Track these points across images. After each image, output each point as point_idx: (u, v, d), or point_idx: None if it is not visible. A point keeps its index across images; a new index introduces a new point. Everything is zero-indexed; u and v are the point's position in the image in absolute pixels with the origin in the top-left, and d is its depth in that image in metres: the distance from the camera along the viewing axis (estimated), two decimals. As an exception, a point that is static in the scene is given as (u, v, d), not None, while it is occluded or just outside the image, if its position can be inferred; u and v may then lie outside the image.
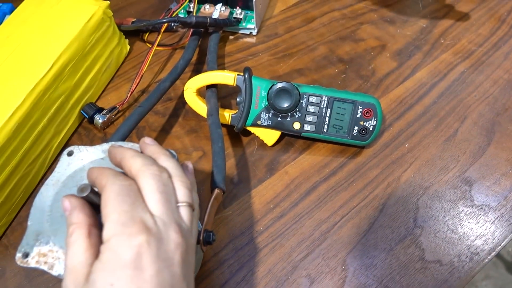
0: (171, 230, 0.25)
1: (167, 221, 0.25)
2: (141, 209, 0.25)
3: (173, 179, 0.28)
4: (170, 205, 0.26)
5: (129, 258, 0.23)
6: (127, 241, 0.23)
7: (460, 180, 0.43)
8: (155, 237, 0.24)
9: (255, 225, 0.40)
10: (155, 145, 0.30)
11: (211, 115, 0.43)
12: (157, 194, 0.26)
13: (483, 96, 0.49)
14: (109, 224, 0.24)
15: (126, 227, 0.24)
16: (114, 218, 0.24)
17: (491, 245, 0.39)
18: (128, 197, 0.25)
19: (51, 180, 0.32)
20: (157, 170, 0.27)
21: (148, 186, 0.26)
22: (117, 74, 0.53)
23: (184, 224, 0.27)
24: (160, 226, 0.25)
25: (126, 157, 0.28)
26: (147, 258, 0.23)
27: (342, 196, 0.42)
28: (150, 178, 0.26)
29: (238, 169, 0.44)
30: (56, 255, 0.28)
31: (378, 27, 0.57)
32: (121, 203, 0.25)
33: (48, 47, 0.43)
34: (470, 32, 0.56)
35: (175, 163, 0.29)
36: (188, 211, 0.27)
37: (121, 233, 0.24)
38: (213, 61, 0.49)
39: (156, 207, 0.26)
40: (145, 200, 0.26)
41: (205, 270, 0.38)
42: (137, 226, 0.24)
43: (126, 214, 0.24)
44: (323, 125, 0.43)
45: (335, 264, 0.38)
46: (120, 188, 0.25)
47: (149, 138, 0.31)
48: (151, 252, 0.24)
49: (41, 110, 0.41)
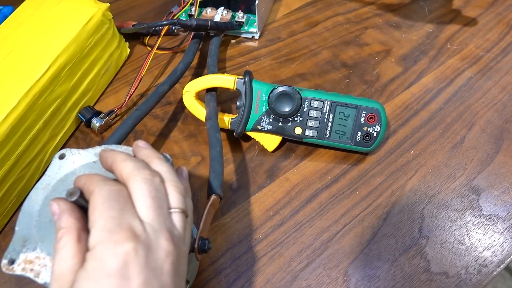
0: (161, 238, 0.24)
1: (158, 228, 0.24)
2: (130, 215, 0.24)
3: (166, 184, 0.27)
4: (161, 211, 0.25)
5: (114, 267, 0.22)
6: (113, 249, 0.22)
7: (468, 188, 0.41)
8: (143, 245, 0.23)
9: (253, 233, 0.39)
10: (148, 148, 0.29)
11: (209, 119, 0.42)
12: (148, 199, 0.25)
13: (491, 102, 0.48)
14: (95, 230, 0.23)
15: (113, 234, 0.23)
16: (100, 224, 0.23)
17: (500, 257, 0.37)
18: (116, 203, 0.24)
19: (41, 184, 0.31)
20: (149, 174, 0.26)
21: (138, 191, 0.25)
22: (117, 77, 0.52)
23: (176, 231, 0.26)
24: (149, 233, 0.24)
25: (117, 160, 0.27)
26: (134, 267, 0.22)
27: (345, 204, 0.40)
28: (142, 182, 0.25)
29: (237, 175, 0.43)
30: (42, 262, 0.27)
31: (383, 32, 0.56)
32: (108, 209, 0.23)
33: (45, 49, 0.42)
34: (478, 37, 0.55)
35: (169, 167, 0.28)
36: (180, 218, 0.26)
37: (107, 241, 0.22)
38: (213, 64, 0.48)
39: (147, 213, 0.24)
40: (135, 206, 0.25)
41: (201, 279, 0.37)
42: (125, 233, 0.23)
43: (113, 220, 0.23)
44: (325, 131, 0.42)
45: (336, 275, 0.36)
46: (109, 193, 0.24)
47: (142, 141, 0.30)
48: (139, 261, 0.22)
49: (37, 113, 0.40)
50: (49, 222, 0.29)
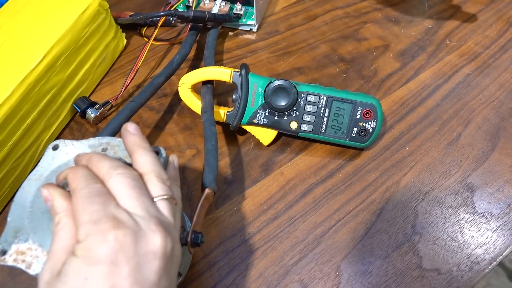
0: (150, 224, 0.24)
1: (143, 215, 0.24)
2: (113, 206, 0.24)
3: (149, 175, 0.26)
4: (144, 199, 0.25)
5: (104, 254, 0.22)
6: (102, 237, 0.22)
7: (462, 186, 0.41)
8: (131, 231, 0.23)
9: (247, 227, 0.39)
10: (137, 135, 0.28)
11: (205, 112, 0.41)
12: (128, 190, 0.25)
13: (488, 99, 0.48)
14: (81, 226, 0.23)
15: (99, 225, 0.23)
16: (85, 219, 0.23)
17: (492, 255, 0.37)
18: (98, 197, 0.24)
19: (34, 175, 0.30)
20: (125, 169, 0.26)
21: (116, 185, 0.25)
22: (113, 68, 0.52)
23: (164, 217, 0.25)
24: (136, 221, 0.24)
25: (92, 162, 0.27)
26: (124, 254, 0.22)
27: (339, 200, 0.40)
28: (119, 177, 0.25)
29: (232, 169, 0.43)
30: (34, 254, 0.27)
31: (382, 27, 0.55)
32: (91, 204, 0.23)
33: (40, 38, 0.42)
34: (477, 34, 0.54)
35: (153, 158, 0.28)
36: (167, 204, 0.26)
37: (95, 232, 0.22)
38: (210, 57, 0.48)
39: (129, 203, 0.24)
40: (117, 199, 0.25)
41: (193, 272, 0.37)
42: (111, 222, 0.23)
43: (98, 213, 0.23)
44: (321, 125, 0.42)
45: (328, 270, 0.37)
46: (89, 191, 0.24)
47: (133, 125, 0.29)
48: (128, 247, 0.22)
49: (31, 103, 0.40)
50: (41, 213, 0.28)
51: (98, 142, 0.32)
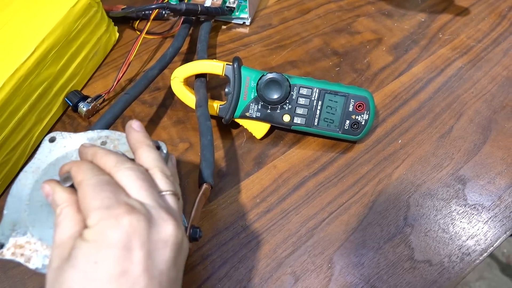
0: (161, 213, 0.24)
1: (155, 206, 0.24)
2: (124, 195, 0.24)
3: (154, 170, 0.26)
4: (153, 191, 0.25)
5: (117, 238, 0.22)
6: (115, 222, 0.22)
7: (454, 178, 0.41)
8: (145, 217, 0.23)
9: (240, 220, 0.39)
10: (141, 132, 0.28)
11: (200, 107, 0.41)
12: (138, 181, 0.25)
13: (480, 93, 0.48)
14: (92, 212, 0.23)
15: (112, 210, 0.22)
16: (96, 205, 0.23)
17: (483, 246, 0.38)
18: (108, 186, 0.24)
19: (30, 167, 0.30)
20: (132, 164, 0.26)
21: (125, 177, 0.25)
22: (105, 62, 0.52)
23: (173, 210, 0.25)
24: (148, 209, 0.23)
25: (98, 156, 0.26)
26: (137, 239, 0.22)
27: (331, 192, 0.41)
28: (127, 170, 0.25)
29: (225, 162, 0.43)
30: (33, 247, 0.26)
31: (375, 20, 0.55)
32: (101, 192, 0.23)
33: (31, 31, 0.42)
34: (470, 27, 0.54)
35: (156, 154, 0.28)
36: (173, 199, 0.26)
37: (108, 216, 0.22)
38: (203, 50, 0.48)
39: (139, 194, 0.24)
40: (126, 190, 0.24)
41: (187, 265, 0.36)
42: (124, 207, 0.22)
43: (110, 200, 0.23)
44: (314, 118, 0.42)
45: (321, 262, 0.37)
46: (98, 180, 0.24)
47: (137, 122, 0.29)
48: (142, 233, 0.22)
49: (22, 96, 0.40)
50: (40, 206, 0.28)
51: (97, 135, 0.31)
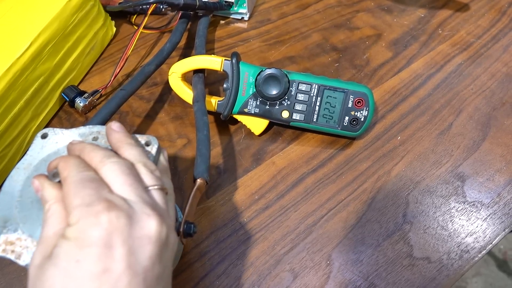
0: (145, 208, 0.23)
1: (138, 201, 0.24)
2: (106, 192, 0.23)
3: (137, 165, 0.26)
4: (138, 186, 0.24)
5: (97, 236, 0.21)
6: (95, 219, 0.22)
7: (453, 175, 0.41)
8: (125, 214, 0.22)
9: (238, 216, 0.39)
10: (121, 132, 0.28)
11: (197, 102, 0.41)
12: (122, 176, 0.24)
13: (480, 89, 0.48)
14: (73, 210, 0.23)
15: (92, 207, 0.22)
16: (77, 202, 0.23)
17: (482, 243, 0.38)
18: (90, 183, 0.23)
19: (22, 164, 0.30)
20: (118, 158, 0.26)
21: (110, 172, 0.25)
22: (102, 57, 0.51)
23: (158, 205, 0.25)
24: (131, 205, 0.23)
25: (85, 151, 0.26)
26: (118, 236, 0.22)
27: (330, 189, 0.40)
28: (112, 164, 0.25)
29: (223, 158, 0.42)
30: (24, 244, 0.26)
31: (375, 16, 0.55)
32: (83, 189, 0.23)
33: (27, 25, 0.41)
34: (469, 23, 0.54)
35: (138, 151, 0.27)
36: (160, 194, 0.26)
37: (88, 214, 0.22)
38: (201, 45, 0.47)
39: (123, 189, 0.24)
40: (110, 186, 0.24)
41: (184, 262, 0.37)
42: (104, 203, 0.22)
43: (91, 197, 0.23)
44: (313, 115, 0.41)
45: (319, 259, 0.37)
46: (82, 177, 0.24)
47: (116, 123, 0.29)
48: (123, 230, 0.22)
49: (18, 91, 0.39)
50: (31, 203, 0.28)
51: (88, 130, 0.31)
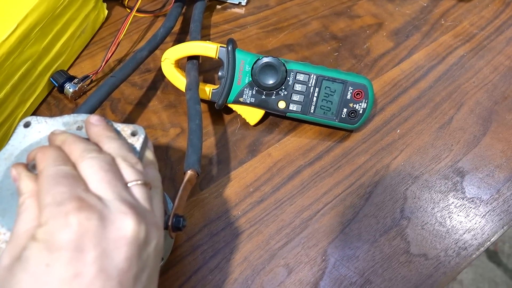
0: (121, 207, 0.22)
1: (115, 199, 0.22)
2: (81, 189, 0.22)
3: (118, 160, 0.25)
4: (116, 183, 0.23)
5: (67, 239, 0.20)
6: (64, 220, 0.20)
7: (452, 170, 0.40)
8: (98, 215, 0.21)
9: (232, 209, 0.38)
10: (100, 126, 0.27)
11: (189, 90, 0.39)
12: (100, 172, 0.23)
13: (482, 82, 0.46)
14: (43, 209, 0.21)
15: (62, 206, 0.21)
16: (48, 201, 0.21)
17: (480, 240, 0.37)
18: (64, 179, 0.22)
19: (3, 154, 0.28)
20: (99, 153, 0.24)
21: (88, 168, 0.23)
22: (93, 40, 0.49)
23: (138, 203, 0.24)
24: (107, 205, 0.22)
25: (66, 143, 0.25)
26: (89, 239, 0.20)
27: (327, 183, 0.39)
28: (90, 160, 0.24)
29: (217, 149, 0.41)
30: (3, 238, 0.25)
31: (376, 4, 0.53)
32: (55, 186, 0.22)
33: (13, 6, 0.39)
34: (473, 14, 0.53)
35: (119, 143, 0.26)
36: (142, 189, 0.24)
37: (57, 215, 0.21)
38: (196, 31, 0.46)
39: (100, 187, 0.23)
40: (87, 183, 0.23)
41: (176, 255, 0.36)
42: (75, 203, 0.21)
43: (62, 195, 0.21)
44: (310, 106, 0.40)
45: (315, 254, 0.36)
46: (56, 172, 0.22)
47: (95, 116, 0.28)
48: (95, 232, 0.21)
49: (4, 76, 0.38)
50: (10, 195, 0.27)
51: (73, 119, 0.30)
